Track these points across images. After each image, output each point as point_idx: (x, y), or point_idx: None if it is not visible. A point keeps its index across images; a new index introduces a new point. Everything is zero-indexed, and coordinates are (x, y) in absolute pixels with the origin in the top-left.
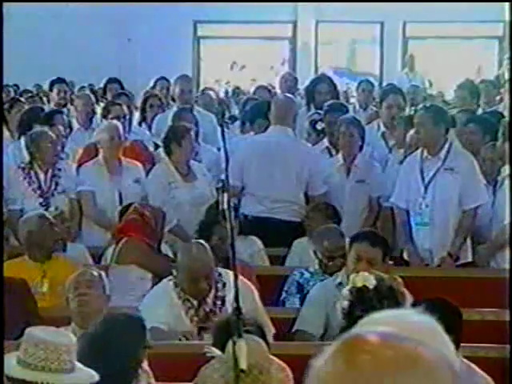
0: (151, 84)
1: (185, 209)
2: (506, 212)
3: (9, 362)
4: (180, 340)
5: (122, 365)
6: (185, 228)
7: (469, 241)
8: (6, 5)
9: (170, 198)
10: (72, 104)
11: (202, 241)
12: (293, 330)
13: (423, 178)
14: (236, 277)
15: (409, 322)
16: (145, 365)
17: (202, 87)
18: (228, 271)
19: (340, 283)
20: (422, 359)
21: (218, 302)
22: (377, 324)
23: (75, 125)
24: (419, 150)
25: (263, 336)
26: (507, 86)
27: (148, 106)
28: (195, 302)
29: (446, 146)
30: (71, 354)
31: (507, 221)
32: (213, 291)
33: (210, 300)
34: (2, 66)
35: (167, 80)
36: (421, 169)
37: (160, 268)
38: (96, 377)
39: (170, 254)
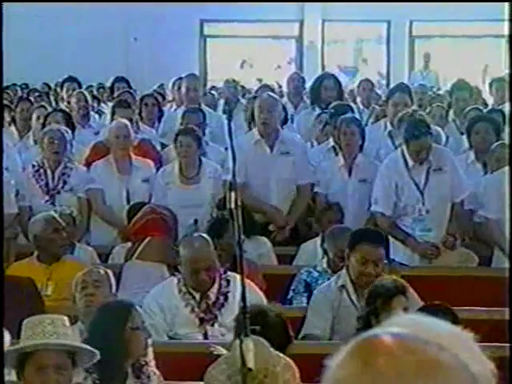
0: (170, 84)
1: (175, 210)
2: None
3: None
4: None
5: (109, 345)
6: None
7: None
8: (14, 4)
9: (164, 198)
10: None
11: (204, 235)
12: (300, 336)
13: (416, 184)
14: (243, 276)
15: (426, 324)
16: (153, 367)
17: (208, 86)
18: (235, 274)
19: (343, 286)
20: (442, 364)
21: (221, 297)
22: (394, 325)
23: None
24: (400, 157)
25: (285, 328)
26: None
27: (143, 106)
28: (197, 296)
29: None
30: (58, 327)
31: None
32: (216, 286)
33: (212, 295)
34: (1, 66)
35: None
36: (411, 176)
37: None
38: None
39: None
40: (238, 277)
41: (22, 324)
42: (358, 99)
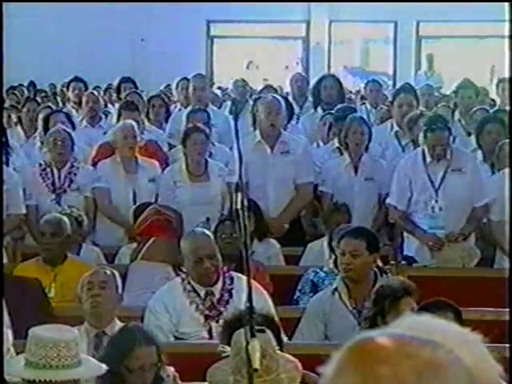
0: (174, 85)
1: (185, 208)
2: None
3: (17, 363)
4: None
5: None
6: (185, 226)
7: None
8: (21, 4)
9: (173, 196)
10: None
11: (205, 230)
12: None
13: (432, 182)
14: (249, 276)
15: (424, 323)
16: (170, 370)
17: (215, 86)
18: (239, 275)
19: (335, 289)
20: (440, 365)
21: (226, 294)
22: (393, 327)
23: (83, 123)
24: (419, 154)
25: (277, 331)
26: None
27: (151, 107)
28: (202, 293)
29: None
30: (72, 350)
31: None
32: (220, 283)
33: (217, 292)
34: (2, 66)
35: (188, 80)
36: (427, 173)
37: None
38: (103, 369)
39: None
40: (242, 276)
41: (28, 323)
42: (367, 100)
